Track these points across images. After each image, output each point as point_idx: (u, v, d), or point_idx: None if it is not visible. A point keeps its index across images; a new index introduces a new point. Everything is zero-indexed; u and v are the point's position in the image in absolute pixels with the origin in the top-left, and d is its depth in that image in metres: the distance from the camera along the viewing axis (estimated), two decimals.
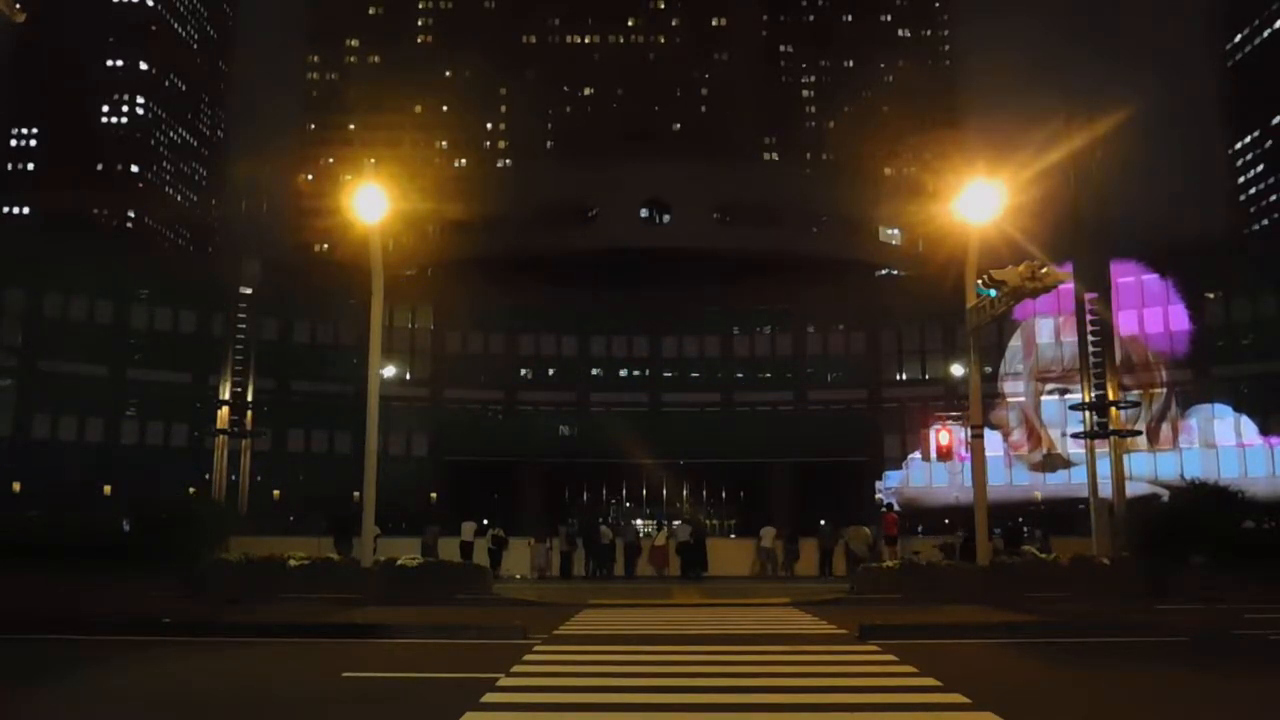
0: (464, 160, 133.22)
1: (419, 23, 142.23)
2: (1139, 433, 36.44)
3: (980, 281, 18.45)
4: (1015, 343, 48.06)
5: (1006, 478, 45.85)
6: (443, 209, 52.81)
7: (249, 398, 28.30)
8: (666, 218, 55.92)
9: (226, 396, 27.44)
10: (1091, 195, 27.55)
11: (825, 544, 28.32)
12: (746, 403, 51.74)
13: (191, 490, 37.52)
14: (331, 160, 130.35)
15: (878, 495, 44.59)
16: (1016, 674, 10.18)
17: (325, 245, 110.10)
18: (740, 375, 52.33)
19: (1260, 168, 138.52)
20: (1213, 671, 10.22)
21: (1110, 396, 24.32)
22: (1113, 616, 14.91)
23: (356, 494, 25.71)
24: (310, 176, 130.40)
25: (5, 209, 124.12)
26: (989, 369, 44.31)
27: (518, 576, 26.66)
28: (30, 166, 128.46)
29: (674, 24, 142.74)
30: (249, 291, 29.02)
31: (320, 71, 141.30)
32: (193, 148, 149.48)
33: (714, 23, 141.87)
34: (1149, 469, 42.92)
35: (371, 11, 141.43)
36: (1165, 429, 44.97)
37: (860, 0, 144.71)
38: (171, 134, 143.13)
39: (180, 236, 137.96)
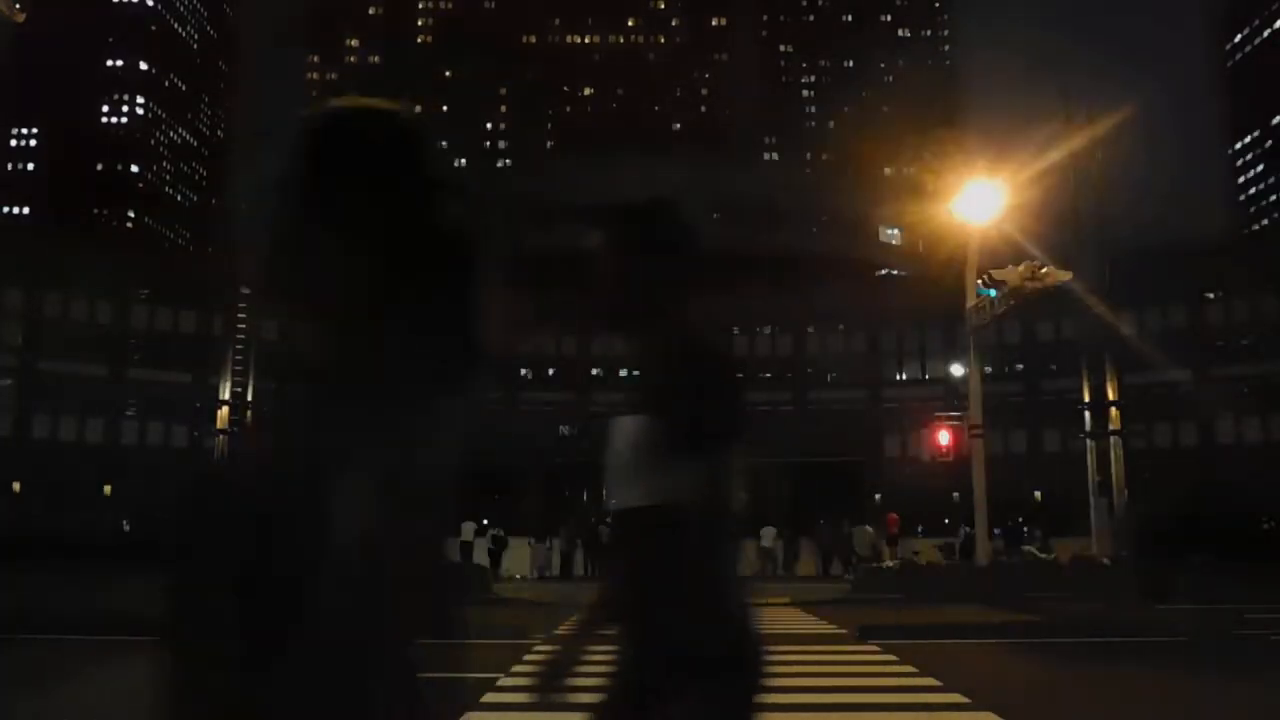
0: (464, 160, 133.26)
1: (419, 23, 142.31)
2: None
3: (980, 281, 18.49)
4: None
5: None
6: None
7: (249, 398, 28.35)
8: None
9: (226, 396, 27.49)
10: (1091, 195, 27.57)
11: (823, 543, 28.43)
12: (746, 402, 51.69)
13: None
14: None
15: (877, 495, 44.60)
16: (1016, 674, 10.18)
17: None
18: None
19: (1260, 168, 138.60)
20: (1212, 671, 10.23)
21: (1111, 396, 24.35)
22: (1112, 617, 14.91)
23: None
24: None
25: (5, 209, 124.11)
26: (989, 369, 44.34)
27: (518, 576, 26.67)
28: (30, 166, 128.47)
29: (674, 24, 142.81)
30: (249, 291, 29.08)
31: (320, 71, 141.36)
32: (193, 148, 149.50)
33: (714, 23, 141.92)
34: None
35: (371, 11, 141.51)
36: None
37: (860, 0, 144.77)
38: (171, 134, 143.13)
39: (180, 236, 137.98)
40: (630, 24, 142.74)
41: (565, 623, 14.70)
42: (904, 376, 51.54)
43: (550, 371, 53.11)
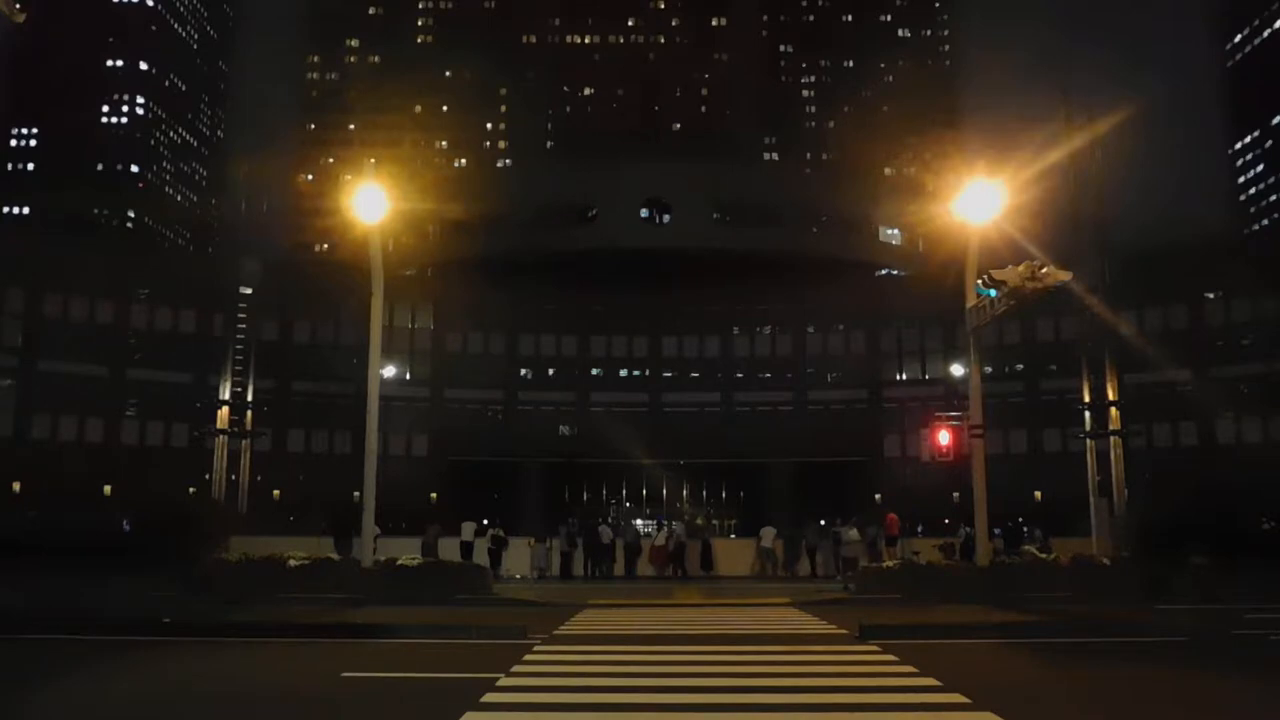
0: (464, 160, 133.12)
1: (419, 23, 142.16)
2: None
3: (980, 281, 18.45)
4: None
5: None
6: (443, 209, 52.73)
7: (249, 398, 28.37)
8: (666, 218, 55.88)
9: (226, 396, 27.52)
10: (1091, 195, 27.57)
11: (811, 543, 28.48)
12: (746, 403, 51.72)
13: (191, 490, 37.54)
14: (331, 160, 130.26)
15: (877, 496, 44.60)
16: (1016, 674, 10.18)
17: (325, 245, 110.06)
18: (740, 375, 52.31)
19: (1260, 168, 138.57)
20: (1212, 671, 10.23)
21: (1111, 396, 24.34)
22: (1113, 617, 14.91)
23: (356, 494, 25.73)
24: (310, 176, 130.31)
25: (5, 209, 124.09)
26: (989, 369, 44.34)
27: (518, 576, 26.67)
28: (30, 166, 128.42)
29: (674, 24, 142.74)
30: (249, 291, 29.11)
31: (320, 71, 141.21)
32: (193, 148, 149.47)
33: (714, 23, 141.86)
34: None
35: (371, 11, 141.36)
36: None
37: (860, 0, 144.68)
38: (171, 134, 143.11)
39: (180, 236, 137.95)
40: (630, 24, 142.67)
41: (565, 623, 14.73)
42: (904, 376, 51.56)
43: (550, 371, 53.12)
